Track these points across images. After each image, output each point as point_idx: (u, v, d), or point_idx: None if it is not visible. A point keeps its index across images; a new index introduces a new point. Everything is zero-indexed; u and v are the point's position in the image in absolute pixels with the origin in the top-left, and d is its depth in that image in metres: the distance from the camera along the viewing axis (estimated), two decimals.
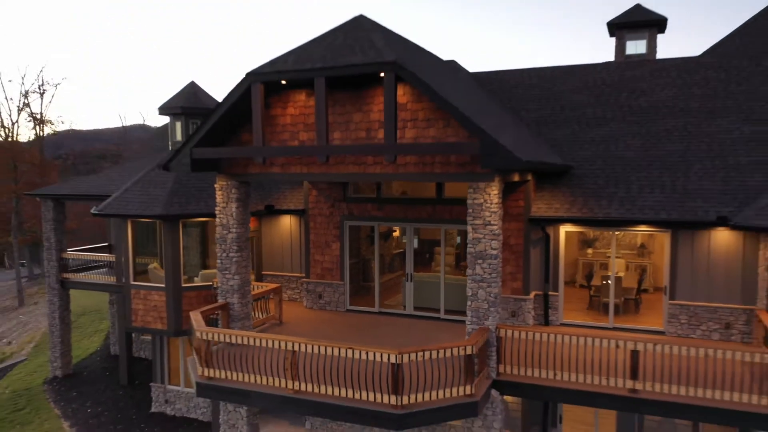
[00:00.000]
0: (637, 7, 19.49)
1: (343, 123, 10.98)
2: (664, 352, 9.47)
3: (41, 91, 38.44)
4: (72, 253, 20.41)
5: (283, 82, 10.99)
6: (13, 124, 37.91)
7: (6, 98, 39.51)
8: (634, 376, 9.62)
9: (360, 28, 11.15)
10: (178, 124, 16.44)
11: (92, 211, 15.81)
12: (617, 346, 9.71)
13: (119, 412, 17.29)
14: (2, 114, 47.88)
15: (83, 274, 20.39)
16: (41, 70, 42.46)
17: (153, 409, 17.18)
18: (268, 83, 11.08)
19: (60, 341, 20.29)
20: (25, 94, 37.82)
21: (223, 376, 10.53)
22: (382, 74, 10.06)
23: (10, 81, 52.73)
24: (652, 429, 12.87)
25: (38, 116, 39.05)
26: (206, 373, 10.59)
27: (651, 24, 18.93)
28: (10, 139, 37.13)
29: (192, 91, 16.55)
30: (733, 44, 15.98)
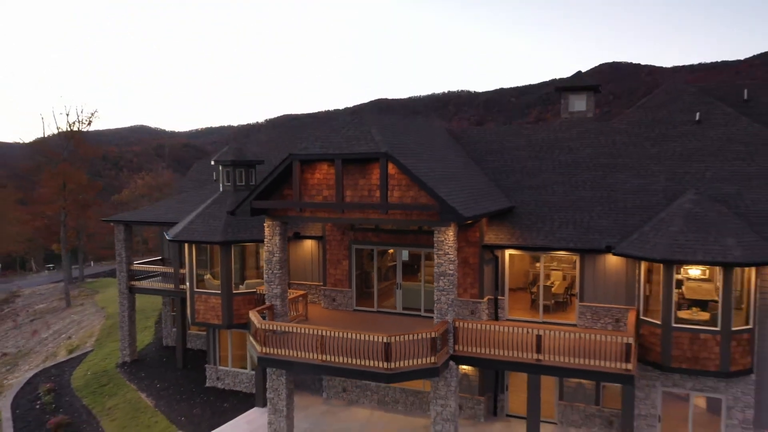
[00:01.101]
0: (578, 74, 25.13)
1: (352, 185, 16.54)
2: (556, 336, 15.08)
3: (88, 122, 44.21)
4: (138, 265, 26.08)
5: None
6: (62, 150, 43.65)
7: (57, 128, 45.36)
8: (538, 350, 15.21)
9: (365, 123, 16.73)
10: (227, 171, 22.01)
11: (167, 237, 21.40)
12: (527, 332, 15.32)
13: (181, 387, 22.90)
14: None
15: (147, 281, 26.04)
16: (82, 107, 48.63)
17: (207, 384, 22.80)
18: (302, 160, 16.66)
19: (128, 334, 25.93)
20: (71, 125, 43.57)
21: (274, 352, 16.13)
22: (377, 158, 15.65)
23: (61, 113, 58.69)
24: (571, 390, 18.47)
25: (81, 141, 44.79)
26: (264, 351, 16.20)
27: (588, 88, 24.55)
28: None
29: (238, 148, 22.14)
30: (637, 114, 21.50)
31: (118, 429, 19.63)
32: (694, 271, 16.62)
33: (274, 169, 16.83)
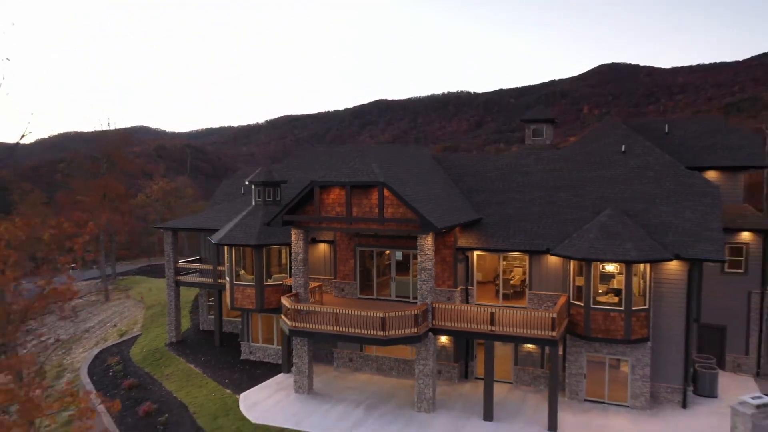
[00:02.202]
0: (539, 109, 31.13)
1: (358, 203, 22.46)
2: (505, 313, 21.05)
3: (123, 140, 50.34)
4: (183, 263, 32.06)
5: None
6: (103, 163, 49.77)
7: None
8: (491, 323, 21.16)
9: (367, 157, 22.69)
10: (259, 189, 27.94)
11: (212, 241, 27.34)
12: (484, 310, 21.28)
13: (220, 360, 28.86)
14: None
15: (188, 276, 32.03)
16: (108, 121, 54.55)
17: (242, 357, 28.77)
18: (320, 185, 22.61)
19: (174, 319, 31.91)
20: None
21: (301, 326, 22.11)
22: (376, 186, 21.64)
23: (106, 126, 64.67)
24: (523, 357, 24.40)
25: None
26: (293, 325, 22.17)
27: (547, 120, 30.55)
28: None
29: (267, 171, 28.07)
30: (579, 145, 27.41)
31: (178, 388, 25.56)
32: (609, 267, 22.53)
33: (300, 192, 22.81)
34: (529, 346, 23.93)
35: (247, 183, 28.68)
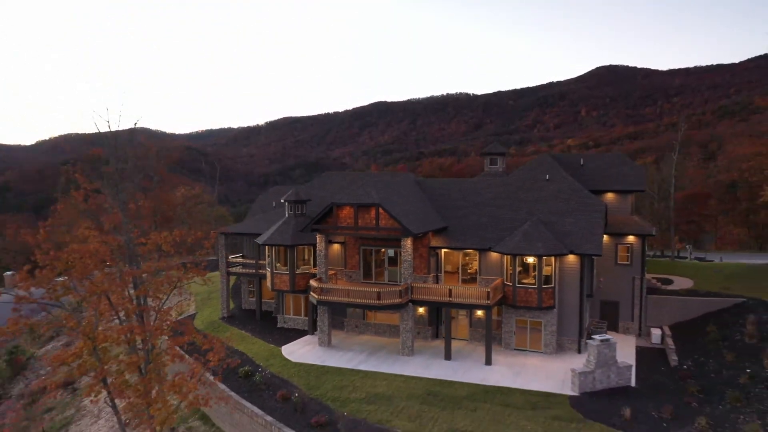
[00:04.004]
0: (495, 144, 42.37)
1: (362, 217, 33.59)
2: (458, 290, 32.27)
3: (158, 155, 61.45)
4: (232, 258, 43.25)
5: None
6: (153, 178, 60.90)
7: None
8: (450, 296, 32.37)
9: (369, 186, 33.88)
10: (291, 205, 39.03)
11: (258, 242, 38.44)
12: (446, 288, 32.49)
13: (263, 328, 39.95)
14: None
15: (234, 268, 43.25)
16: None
17: (278, 326, 39.98)
18: (336, 204, 33.76)
19: (226, 300, 43.10)
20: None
21: (324, 299, 33.34)
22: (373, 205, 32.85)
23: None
24: (475, 321, 35.56)
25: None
26: (320, 298, 33.42)
27: (500, 153, 41.77)
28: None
29: (296, 192, 39.16)
30: (518, 174, 38.49)
31: (237, 344, 36.65)
32: (529, 259, 33.57)
33: (323, 209, 33.96)
34: (479, 313, 35.06)
35: (282, 201, 39.84)
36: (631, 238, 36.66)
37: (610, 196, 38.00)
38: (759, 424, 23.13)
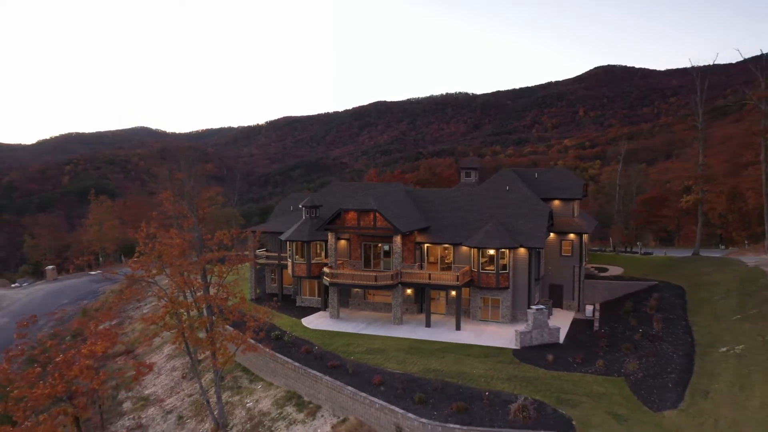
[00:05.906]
0: (471, 161, 53.01)
1: (363, 219, 44.16)
2: (436, 275, 42.89)
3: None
4: (259, 252, 53.95)
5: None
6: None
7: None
8: (429, 279, 42.99)
9: (367, 195, 44.48)
10: (307, 209, 49.57)
11: (281, 238, 48.99)
12: (427, 273, 43.13)
13: (285, 307, 50.59)
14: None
15: (261, 259, 54.00)
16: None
17: (297, 305, 50.65)
18: (343, 210, 44.34)
19: (254, 285, 53.74)
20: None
21: (335, 281, 44.02)
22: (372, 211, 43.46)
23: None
24: (450, 300, 46.18)
25: None
26: (331, 281, 44.09)
27: (474, 168, 52.43)
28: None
29: (312, 198, 49.69)
30: (486, 185, 48.99)
31: (268, 318, 47.18)
32: (490, 251, 44.00)
33: (333, 214, 44.56)
34: (453, 293, 45.58)
35: (300, 206, 50.45)
36: (572, 236, 47.22)
37: (557, 202, 48.55)
38: (637, 363, 33.69)
